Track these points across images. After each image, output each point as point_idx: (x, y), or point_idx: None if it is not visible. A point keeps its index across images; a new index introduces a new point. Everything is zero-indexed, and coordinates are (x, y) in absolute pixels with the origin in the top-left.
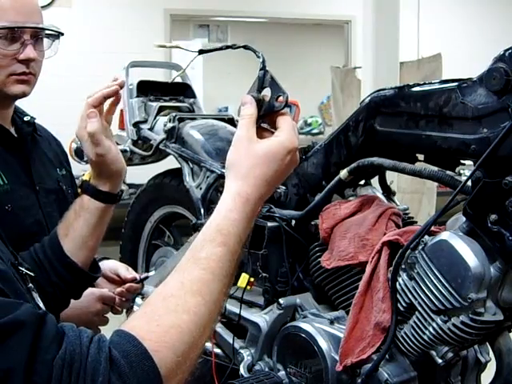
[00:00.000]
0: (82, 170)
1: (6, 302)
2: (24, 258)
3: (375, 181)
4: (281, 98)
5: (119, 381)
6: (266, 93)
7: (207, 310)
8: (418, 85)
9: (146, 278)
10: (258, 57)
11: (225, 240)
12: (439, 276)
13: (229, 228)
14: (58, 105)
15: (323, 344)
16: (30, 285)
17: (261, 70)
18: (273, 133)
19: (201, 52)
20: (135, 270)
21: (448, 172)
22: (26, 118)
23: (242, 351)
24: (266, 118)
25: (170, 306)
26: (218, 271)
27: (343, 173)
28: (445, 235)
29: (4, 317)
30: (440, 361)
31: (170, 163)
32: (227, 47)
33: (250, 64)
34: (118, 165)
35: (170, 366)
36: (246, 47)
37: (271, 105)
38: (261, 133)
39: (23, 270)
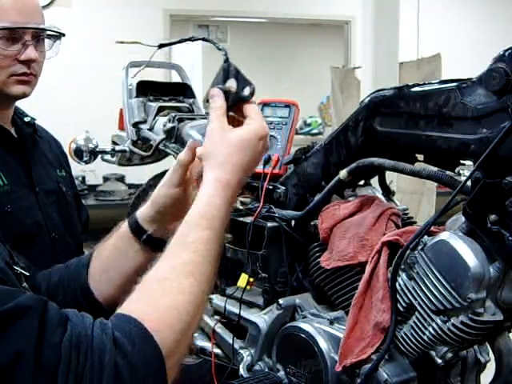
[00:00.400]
0: (81, 171)
1: (9, 289)
2: (48, 274)
3: (375, 181)
4: (247, 89)
5: (124, 360)
6: (231, 84)
7: (200, 290)
8: (418, 85)
9: None
10: (219, 49)
11: (210, 224)
12: (439, 276)
13: (212, 212)
14: (57, 105)
15: (323, 344)
16: (25, 284)
17: (224, 62)
18: (241, 121)
19: (161, 46)
20: None
21: (447, 172)
22: (26, 119)
23: (241, 351)
24: (234, 108)
25: (165, 288)
26: (207, 253)
27: (343, 173)
28: (444, 235)
29: (9, 302)
30: (439, 361)
31: (169, 163)
32: (186, 40)
33: (250, 65)
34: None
35: (171, 345)
36: (204, 39)
37: (239, 95)
38: (230, 122)
39: (18, 269)
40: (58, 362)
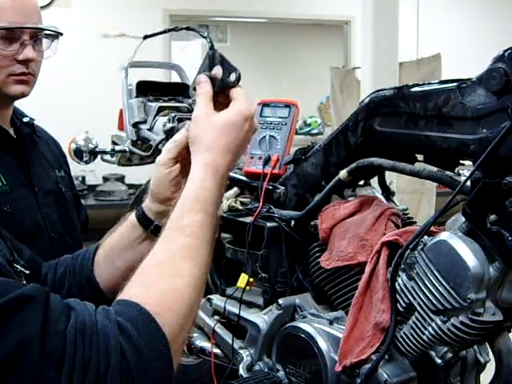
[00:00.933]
0: (81, 171)
1: (11, 281)
2: (51, 265)
3: (375, 181)
4: (233, 75)
5: (129, 344)
6: (217, 70)
7: (199, 272)
8: (418, 85)
9: None
10: (204, 37)
11: (203, 206)
12: (438, 276)
13: (205, 195)
14: (57, 105)
15: (322, 344)
16: (24, 282)
17: (210, 49)
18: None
19: (145, 37)
20: None
21: (447, 172)
22: (25, 119)
23: (241, 351)
24: (221, 95)
25: (163, 272)
26: (202, 235)
27: (342, 173)
28: (444, 235)
29: (12, 292)
30: (439, 361)
31: None
32: (170, 30)
33: (250, 65)
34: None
35: (174, 327)
36: (188, 28)
37: (225, 81)
38: (218, 108)
39: (18, 267)
40: (64, 349)
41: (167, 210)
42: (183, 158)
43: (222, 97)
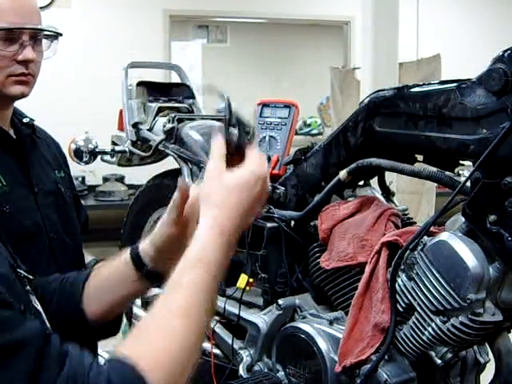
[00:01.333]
0: (81, 171)
1: (12, 317)
2: (46, 282)
3: (374, 181)
4: (247, 130)
5: None
6: (234, 130)
7: (194, 333)
8: (417, 85)
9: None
10: (223, 99)
11: (206, 267)
12: (438, 277)
13: (208, 256)
14: (57, 105)
15: (322, 345)
16: (28, 287)
17: (227, 107)
18: (241, 161)
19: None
20: None
21: (447, 172)
22: (25, 120)
23: (241, 352)
24: (235, 154)
25: (159, 331)
26: (202, 297)
27: (342, 173)
28: (444, 236)
29: (10, 333)
30: (439, 361)
31: (169, 164)
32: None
33: (250, 65)
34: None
35: None
36: (209, 87)
37: (239, 143)
38: (230, 163)
39: (22, 272)
40: None
41: (162, 259)
42: (187, 219)
43: (236, 155)
